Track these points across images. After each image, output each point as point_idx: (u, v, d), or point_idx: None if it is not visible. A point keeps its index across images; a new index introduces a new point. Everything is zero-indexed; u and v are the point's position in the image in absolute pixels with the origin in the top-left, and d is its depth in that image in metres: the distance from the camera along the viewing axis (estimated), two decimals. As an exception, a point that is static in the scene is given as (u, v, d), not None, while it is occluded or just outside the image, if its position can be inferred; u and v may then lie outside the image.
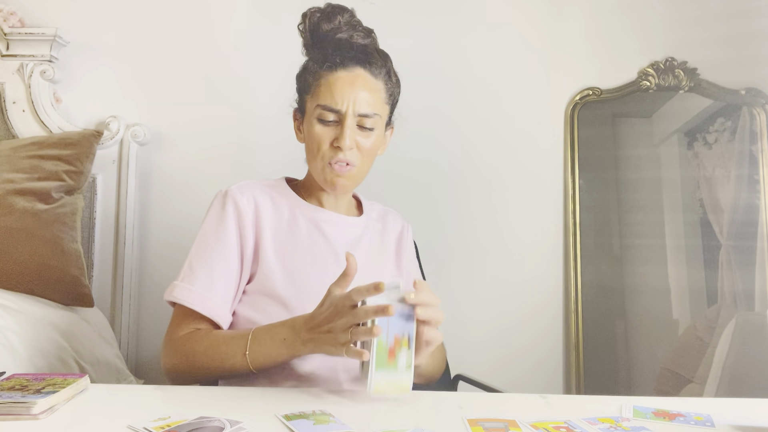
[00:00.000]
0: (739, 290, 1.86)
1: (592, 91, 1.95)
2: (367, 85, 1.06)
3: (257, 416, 0.76)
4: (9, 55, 1.83)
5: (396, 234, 1.23)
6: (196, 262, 1.04)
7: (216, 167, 1.90)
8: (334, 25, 1.09)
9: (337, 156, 1.05)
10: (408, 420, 0.78)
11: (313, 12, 1.11)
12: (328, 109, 1.05)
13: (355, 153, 1.07)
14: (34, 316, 1.38)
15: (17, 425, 0.72)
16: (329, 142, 1.06)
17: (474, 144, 1.95)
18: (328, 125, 1.06)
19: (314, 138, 1.07)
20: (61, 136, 1.73)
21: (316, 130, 1.07)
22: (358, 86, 1.05)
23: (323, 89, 1.06)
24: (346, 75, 1.05)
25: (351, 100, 1.04)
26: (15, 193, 1.56)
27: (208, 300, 1.02)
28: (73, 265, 1.57)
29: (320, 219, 1.12)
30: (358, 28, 1.11)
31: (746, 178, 1.91)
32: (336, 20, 1.09)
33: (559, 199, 1.95)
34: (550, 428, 0.75)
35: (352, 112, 1.04)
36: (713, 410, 0.85)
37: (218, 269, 1.04)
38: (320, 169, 1.08)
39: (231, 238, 1.06)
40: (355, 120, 1.05)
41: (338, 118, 1.05)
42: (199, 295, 1.02)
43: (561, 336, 1.92)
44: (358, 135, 1.06)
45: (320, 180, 1.10)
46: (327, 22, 1.09)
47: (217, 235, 1.06)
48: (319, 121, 1.06)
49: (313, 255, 1.08)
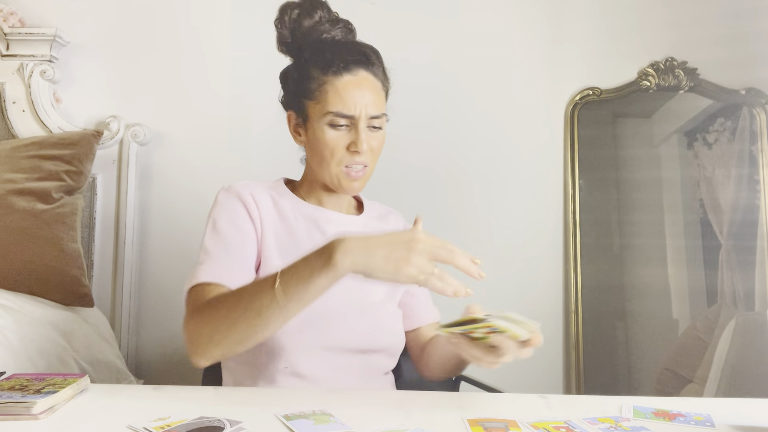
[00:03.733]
0: (739, 290, 1.86)
1: (592, 91, 1.95)
2: (372, 87, 1.07)
3: (257, 416, 0.76)
4: (9, 55, 1.83)
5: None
6: (212, 246, 1.02)
7: (216, 167, 1.90)
8: (314, 21, 1.08)
9: (354, 159, 1.06)
10: (408, 420, 0.78)
11: (291, 7, 1.09)
12: (341, 115, 1.05)
13: (368, 154, 1.08)
14: (33, 316, 1.38)
15: (17, 425, 0.72)
16: (344, 146, 1.06)
17: (474, 144, 1.95)
18: (340, 130, 1.06)
19: (327, 144, 1.06)
20: (61, 136, 1.73)
21: (329, 136, 1.06)
22: (365, 89, 1.05)
23: (331, 96, 1.05)
24: (353, 79, 1.05)
25: (362, 105, 1.04)
26: (15, 193, 1.56)
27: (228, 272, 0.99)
28: (73, 265, 1.57)
29: (320, 218, 1.13)
30: (339, 23, 1.10)
31: (746, 178, 1.91)
32: (316, 15, 1.08)
33: (559, 199, 1.95)
34: (550, 428, 0.75)
35: (364, 116, 1.05)
36: (713, 410, 0.85)
37: (236, 250, 1.02)
38: (335, 173, 1.08)
39: (244, 223, 1.05)
40: (366, 122, 1.06)
41: (351, 122, 1.05)
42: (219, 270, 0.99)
43: (561, 336, 1.92)
44: (368, 135, 1.07)
45: (333, 184, 1.09)
46: (307, 17, 1.08)
47: (230, 219, 1.05)
48: (331, 127, 1.06)
49: None
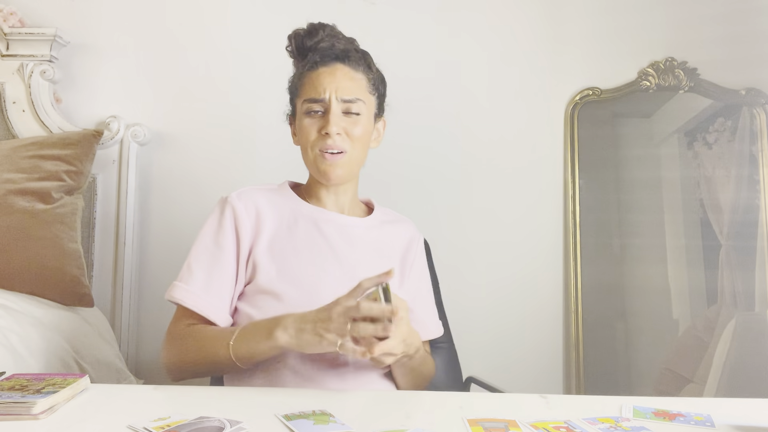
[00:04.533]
0: (739, 290, 1.86)
1: (592, 91, 1.95)
2: (347, 76, 1.11)
3: (257, 416, 0.76)
4: (9, 55, 1.83)
5: (404, 243, 1.21)
6: (194, 263, 1.08)
7: (216, 167, 1.90)
8: (317, 39, 1.15)
9: (326, 143, 1.09)
10: (408, 420, 0.78)
11: (297, 33, 1.17)
12: (313, 100, 1.10)
13: (345, 139, 1.10)
14: (33, 316, 1.38)
15: (17, 425, 0.72)
16: (317, 131, 1.10)
17: (474, 144, 1.95)
18: (314, 117, 1.11)
19: (303, 130, 1.12)
20: (61, 136, 1.73)
21: (305, 123, 1.11)
22: (339, 77, 1.11)
23: (307, 86, 1.12)
24: (326, 70, 1.11)
25: (333, 88, 1.09)
26: (15, 193, 1.56)
27: (203, 300, 1.05)
28: (73, 265, 1.57)
29: (320, 219, 1.14)
30: (339, 37, 1.17)
31: (746, 178, 1.91)
32: (318, 35, 1.15)
33: (559, 199, 1.95)
34: (550, 428, 0.75)
35: (335, 98, 1.09)
36: (713, 410, 0.85)
37: (215, 272, 1.07)
38: (312, 160, 1.12)
39: (228, 243, 1.09)
40: (339, 106, 1.09)
41: (324, 107, 1.10)
42: (195, 295, 1.05)
43: (561, 336, 1.91)
44: (344, 121, 1.10)
45: (315, 173, 1.13)
46: (309, 38, 1.15)
47: (216, 239, 1.09)
48: (307, 115, 1.11)
49: (311, 254, 1.10)
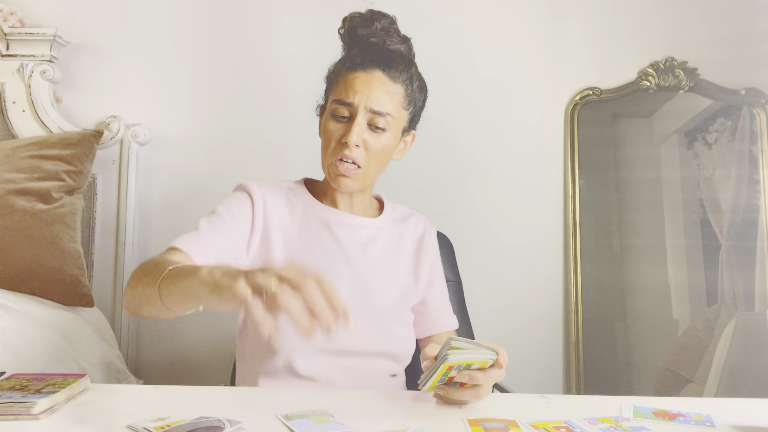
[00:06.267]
0: (739, 290, 1.86)
1: (592, 91, 1.95)
2: (384, 87, 1.06)
3: (257, 416, 0.76)
4: (9, 55, 1.83)
5: (416, 238, 1.20)
6: (203, 224, 1.04)
7: (216, 167, 1.90)
8: (370, 31, 1.10)
9: (343, 152, 1.05)
10: (408, 420, 0.78)
11: (353, 16, 1.12)
12: (341, 102, 1.05)
13: (362, 152, 1.05)
14: (34, 316, 1.38)
15: (17, 425, 0.72)
16: (338, 138, 1.06)
17: (473, 144, 1.94)
18: (340, 122, 1.06)
19: (325, 132, 1.08)
20: (61, 136, 1.73)
21: (329, 125, 1.07)
22: (374, 86, 1.05)
23: (340, 86, 1.07)
24: (364, 75, 1.06)
25: (364, 96, 1.04)
26: (15, 193, 1.56)
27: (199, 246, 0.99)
28: (73, 265, 1.57)
29: (332, 220, 1.12)
30: (393, 34, 1.12)
31: (746, 178, 1.91)
32: (373, 26, 1.10)
33: (559, 199, 1.95)
34: (550, 428, 0.75)
35: (363, 107, 1.04)
36: (713, 410, 0.85)
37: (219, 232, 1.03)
38: (328, 165, 1.08)
39: (242, 213, 1.06)
40: (366, 117, 1.04)
41: (350, 113, 1.05)
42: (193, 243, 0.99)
43: (561, 336, 1.91)
44: (367, 133, 1.05)
45: (328, 176, 1.10)
46: (364, 27, 1.11)
47: (228, 208, 1.07)
48: (333, 117, 1.07)
49: (321, 257, 1.08)
